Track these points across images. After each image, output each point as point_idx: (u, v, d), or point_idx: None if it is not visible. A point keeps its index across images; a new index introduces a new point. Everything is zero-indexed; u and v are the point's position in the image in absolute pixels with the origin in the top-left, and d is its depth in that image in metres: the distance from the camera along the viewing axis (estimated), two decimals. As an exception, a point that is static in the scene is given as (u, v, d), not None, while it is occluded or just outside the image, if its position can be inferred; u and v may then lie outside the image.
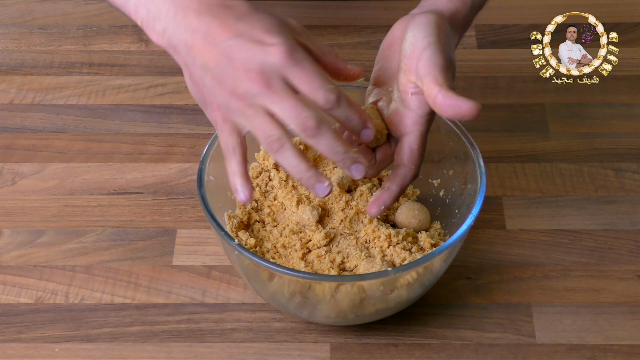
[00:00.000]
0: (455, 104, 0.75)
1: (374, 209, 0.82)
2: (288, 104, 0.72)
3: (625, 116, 1.07)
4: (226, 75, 0.73)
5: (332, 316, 0.84)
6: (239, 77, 0.73)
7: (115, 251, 0.94)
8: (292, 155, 0.74)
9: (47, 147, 1.04)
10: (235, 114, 0.75)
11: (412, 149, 0.80)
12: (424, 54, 0.77)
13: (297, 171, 0.74)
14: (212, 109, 0.76)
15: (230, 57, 0.73)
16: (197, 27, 0.75)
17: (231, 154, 0.75)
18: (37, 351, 0.86)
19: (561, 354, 0.86)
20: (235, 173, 0.76)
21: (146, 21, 0.78)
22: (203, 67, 0.75)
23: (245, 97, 0.73)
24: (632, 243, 0.94)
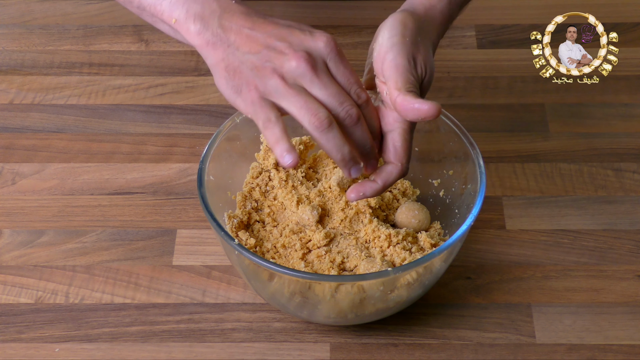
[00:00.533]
0: (414, 107, 0.76)
1: (353, 194, 0.81)
2: (333, 89, 0.75)
3: (625, 116, 1.07)
4: (271, 57, 0.75)
5: (332, 316, 0.84)
6: (285, 56, 0.75)
7: (115, 251, 0.94)
8: (338, 135, 0.75)
9: (47, 147, 1.04)
10: (273, 92, 0.76)
11: (396, 146, 0.80)
12: (386, 56, 0.79)
13: (342, 152, 0.76)
14: (249, 90, 0.76)
15: (279, 40, 0.76)
16: (243, 24, 0.77)
17: (273, 123, 0.75)
18: (37, 351, 0.86)
19: (561, 354, 0.86)
20: (280, 139, 0.75)
21: (184, 20, 0.79)
22: (245, 54, 0.76)
23: (287, 76, 0.75)
24: (632, 243, 0.94)
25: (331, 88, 0.75)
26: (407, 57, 0.78)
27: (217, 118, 1.07)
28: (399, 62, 0.78)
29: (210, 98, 1.10)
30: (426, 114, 0.76)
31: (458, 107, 1.08)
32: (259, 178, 0.91)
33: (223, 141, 0.88)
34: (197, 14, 0.79)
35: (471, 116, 1.07)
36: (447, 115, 0.89)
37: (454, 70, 1.13)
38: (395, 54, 0.78)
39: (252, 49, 0.76)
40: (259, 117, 0.76)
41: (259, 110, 0.76)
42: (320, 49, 0.76)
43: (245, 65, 0.76)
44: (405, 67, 0.78)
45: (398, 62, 0.78)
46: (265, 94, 0.76)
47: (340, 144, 0.75)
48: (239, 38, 0.77)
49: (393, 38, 0.79)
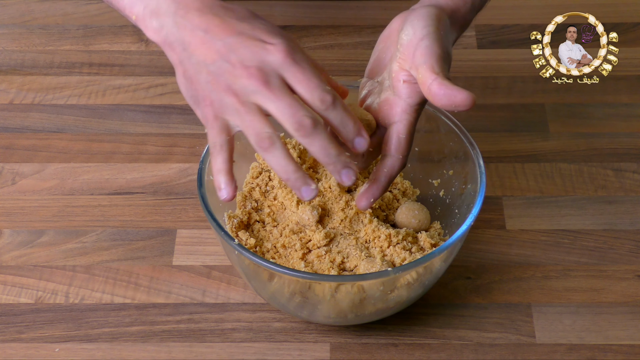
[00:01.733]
0: (451, 93, 0.75)
1: (364, 202, 0.81)
2: (285, 102, 0.72)
3: (625, 116, 1.07)
4: (224, 71, 0.73)
5: (332, 316, 0.84)
6: (237, 72, 0.73)
7: (115, 251, 0.94)
8: (282, 155, 0.73)
9: (47, 147, 1.04)
10: (227, 110, 0.74)
11: (400, 137, 0.79)
12: (421, 43, 0.77)
13: (285, 171, 0.74)
14: (205, 105, 0.75)
15: (230, 53, 0.73)
16: (198, 24, 0.75)
17: (218, 151, 0.75)
18: (37, 351, 0.86)
19: (561, 354, 0.86)
20: (220, 170, 0.75)
21: (142, 16, 0.78)
22: (200, 63, 0.75)
23: (240, 94, 0.73)
24: (632, 243, 0.94)
25: (283, 100, 0.72)
26: (442, 47, 0.77)
27: (217, 118, 1.07)
28: (435, 49, 0.77)
29: (210, 98, 1.09)
30: (460, 102, 0.74)
31: (458, 107, 1.07)
32: (259, 178, 0.91)
33: (223, 141, 0.88)
34: (154, 10, 0.77)
35: (471, 116, 1.07)
36: (447, 115, 0.89)
37: (454, 70, 1.11)
38: (431, 41, 0.77)
39: (206, 57, 0.74)
40: (209, 137, 0.75)
41: (209, 131, 0.75)
42: (273, 61, 0.73)
43: (201, 77, 0.75)
44: (441, 55, 0.77)
45: (435, 49, 0.77)
46: (220, 111, 0.74)
47: (282, 164, 0.73)
48: (193, 41, 0.75)
49: (428, 27, 0.77)
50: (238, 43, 0.73)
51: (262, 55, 0.73)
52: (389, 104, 0.80)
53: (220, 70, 0.74)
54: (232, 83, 0.73)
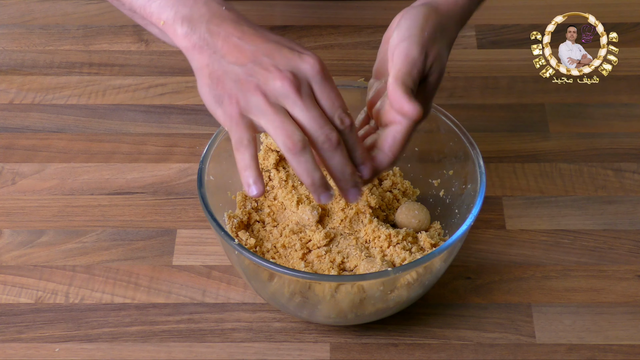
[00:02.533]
0: (400, 101, 0.76)
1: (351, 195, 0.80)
2: (314, 113, 0.74)
3: (625, 116, 1.07)
4: (256, 72, 0.74)
5: (332, 316, 0.84)
6: (269, 74, 0.74)
7: (115, 251, 0.94)
8: (310, 160, 0.74)
9: (47, 147, 1.04)
10: (253, 109, 0.75)
11: (396, 137, 0.79)
12: (400, 44, 0.78)
13: (312, 177, 0.74)
14: (230, 103, 0.76)
15: (264, 57, 0.75)
16: (232, 32, 0.76)
17: (245, 147, 0.75)
18: (37, 351, 0.86)
19: (561, 354, 0.86)
20: (248, 166, 0.75)
21: (172, 22, 0.78)
22: (230, 64, 0.75)
23: (270, 95, 0.74)
24: (632, 243, 0.94)
25: (313, 111, 0.74)
26: (419, 50, 0.78)
27: (217, 118, 1.07)
28: (409, 52, 0.77)
29: (210, 98, 1.09)
30: (407, 111, 0.76)
31: (458, 107, 1.08)
32: (259, 178, 0.91)
33: (223, 141, 0.88)
34: (185, 16, 0.78)
35: (471, 116, 1.07)
36: (447, 115, 0.89)
37: (454, 70, 1.13)
38: (409, 44, 0.78)
39: (238, 59, 0.75)
40: (233, 135, 0.76)
41: (235, 127, 0.76)
42: (307, 70, 0.74)
43: (229, 76, 0.75)
44: (414, 59, 0.77)
45: (409, 52, 0.77)
46: (246, 110, 0.75)
47: (311, 169, 0.74)
48: (225, 46, 0.76)
49: (411, 29, 0.78)
50: (274, 49, 0.75)
51: (298, 63, 0.74)
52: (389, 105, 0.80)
53: (252, 71, 0.75)
54: (262, 84, 0.74)
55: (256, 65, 0.75)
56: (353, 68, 1.13)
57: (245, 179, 0.75)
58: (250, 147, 0.75)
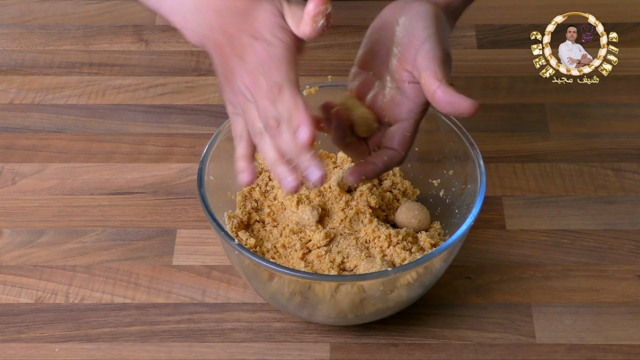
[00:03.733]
0: (454, 101, 0.76)
1: (354, 176, 0.80)
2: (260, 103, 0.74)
3: (625, 116, 1.07)
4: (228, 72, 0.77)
5: (332, 316, 0.84)
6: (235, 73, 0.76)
7: (115, 251, 0.94)
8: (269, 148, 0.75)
9: (47, 147, 1.04)
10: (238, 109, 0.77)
11: (405, 135, 0.80)
12: (423, 47, 0.77)
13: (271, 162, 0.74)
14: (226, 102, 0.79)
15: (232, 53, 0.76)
16: (218, 24, 0.77)
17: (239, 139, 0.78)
18: (37, 351, 0.86)
19: (561, 354, 0.86)
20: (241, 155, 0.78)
21: (181, 23, 0.80)
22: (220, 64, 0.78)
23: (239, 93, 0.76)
24: (632, 243, 0.94)
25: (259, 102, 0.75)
26: (444, 51, 0.78)
27: (217, 118, 1.07)
28: (437, 53, 0.77)
29: (210, 98, 1.10)
30: (464, 110, 0.76)
31: (458, 107, 1.07)
32: (259, 178, 0.91)
33: (223, 141, 0.88)
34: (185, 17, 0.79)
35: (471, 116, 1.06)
36: (447, 115, 0.89)
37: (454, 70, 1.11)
38: (433, 45, 0.77)
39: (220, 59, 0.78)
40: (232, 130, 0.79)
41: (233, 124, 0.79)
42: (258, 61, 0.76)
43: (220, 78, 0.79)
44: (443, 59, 0.77)
45: (436, 53, 0.77)
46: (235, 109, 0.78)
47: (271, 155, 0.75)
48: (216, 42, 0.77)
49: (428, 29, 0.78)
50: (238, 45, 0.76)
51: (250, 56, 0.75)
52: (395, 103, 0.80)
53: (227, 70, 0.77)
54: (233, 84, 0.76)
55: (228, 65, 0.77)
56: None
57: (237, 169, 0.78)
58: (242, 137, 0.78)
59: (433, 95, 0.76)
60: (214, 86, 1.11)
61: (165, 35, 1.17)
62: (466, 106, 0.75)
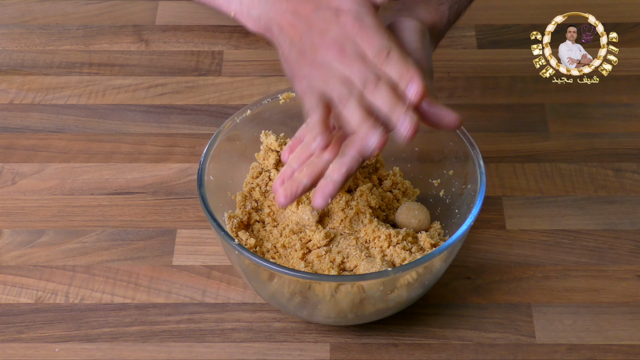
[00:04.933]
0: (439, 113, 0.77)
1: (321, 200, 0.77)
2: (355, 67, 0.76)
3: (625, 116, 1.07)
4: (307, 47, 0.78)
5: (332, 316, 0.84)
6: (317, 46, 0.78)
7: (115, 251, 0.94)
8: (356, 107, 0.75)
9: (47, 147, 1.04)
10: (318, 82, 0.78)
11: None
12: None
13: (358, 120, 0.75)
14: (299, 80, 0.79)
15: (310, 29, 0.78)
16: (286, 7, 0.80)
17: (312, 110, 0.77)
18: (37, 351, 0.86)
19: (561, 354, 0.86)
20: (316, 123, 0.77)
21: (240, 11, 0.83)
22: (290, 43, 0.79)
23: (323, 65, 0.77)
24: (632, 243, 0.94)
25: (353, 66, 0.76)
26: (427, 64, 0.80)
27: (217, 118, 1.07)
28: (422, 66, 0.79)
29: (210, 98, 1.10)
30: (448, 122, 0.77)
31: (458, 107, 1.06)
32: (259, 178, 0.91)
33: (223, 141, 0.88)
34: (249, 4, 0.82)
35: (471, 116, 1.07)
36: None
37: (454, 70, 1.13)
38: (418, 59, 0.79)
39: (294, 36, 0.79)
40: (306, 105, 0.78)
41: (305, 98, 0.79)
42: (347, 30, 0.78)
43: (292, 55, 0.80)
44: (427, 71, 0.79)
45: (422, 66, 0.79)
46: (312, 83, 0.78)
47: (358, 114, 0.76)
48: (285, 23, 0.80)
49: (415, 43, 0.80)
50: (317, 18, 0.78)
51: (335, 26, 0.77)
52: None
53: (305, 46, 0.78)
54: (314, 56, 0.78)
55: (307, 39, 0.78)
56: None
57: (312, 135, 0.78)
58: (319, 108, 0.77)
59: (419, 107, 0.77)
60: (214, 86, 1.11)
61: (165, 35, 1.17)
62: (450, 119, 0.77)
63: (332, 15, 0.78)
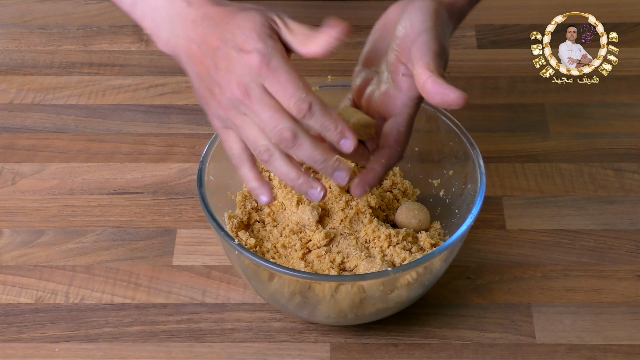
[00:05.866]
0: (444, 92, 0.75)
1: (359, 189, 0.80)
2: (266, 114, 0.73)
3: (625, 116, 1.07)
4: (214, 86, 0.75)
5: (332, 316, 0.84)
6: (222, 87, 0.74)
7: (115, 251, 0.94)
8: (282, 164, 0.74)
9: (47, 147, 1.04)
10: (229, 123, 0.76)
11: (400, 130, 0.79)
12: (418, 38, 0.77)
13: (289, 179, 0.75)
14: (212, 118, 0.78)
15: (216, 68, 0.74)
16: (194, 37, 0.76)
17: (240, 161, 0.76)
18: (37, 351, 0.86)
19: (561, 354, 0.86)
20: (250, 178, 0.76)
21: (151, 30, 0.79)
22: (199, 77, 0.76)
23: (230, 107, 0.74)
24: (632, 243, 0.94)
25: (264, 114, 0.72)
26: (439, 44, 0.77)
27: (217, 118, 1.07)
28: (432, 45, 0.77)
29: (210, 98, 1.10)
30: (452, 101, 0.74)
31: (458, 107, 1.07)
32: (259, 178, 0.91)
33: (223, 141, 0.88)
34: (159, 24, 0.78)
35: (471, 116, 1.07)
36: (447, 115, 0.89)
37: (454, 70, 1.13)
38: (429, 37, 0.77)
39: (201, 71, 0.75)
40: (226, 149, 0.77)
41: (225, 143, 0.77)
42: (252, 71, 0.72)
43: (202, 91, 0.76)
44: (437, 52, 0.77)
45: (431, 46, 0.77)
46: (225, 123, 0.76)
47: (285, 171, 0.74)
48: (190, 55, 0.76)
49: (427, 22, 0.77)
50: (222, 56, 0.74)
51: (243, 65, 0.73)
52: (389, 96, 0.80)
53: (212, 84, 0.75)
54: (221, 98, 0.75)
55: (214, 77, 0.74)
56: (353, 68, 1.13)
57: (252, 191, 0.76)
58: (244, 159, 0.76)
59: (423, 86, 0.75)
60: (214, 86, 1.11)
61: (165, 35, 1.17)
62: (455, 97, 0.74)
63: (236, 53, 0.73)
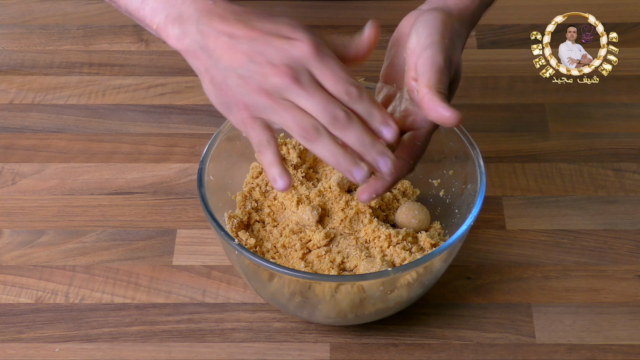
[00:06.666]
0: (437, 109, 0.75)
1: (365, 195, 0.79)
2: (317, 97, 0.73)
3: (625, 116, 1.07)
4: (253, 73, 0.74)
5: (332, 316, 0.84)
6: (266, 72, 0.74)
7: (115, 251, 0.94)
8: (330, 142, 0.74)
9: (47, 147, 1.04)
10: (264, 110, 0.75)
11: (416, 144, 0.79)
12: (424, 53, 0.77)
13: (335, 155, 0.74)
14: (238, 109, 0.76)
15: (257, 54, 0.74)
16: (222, 30, 0.76)
17: (266, 147, 0.75)
18: (37, 351, 0.86)
19: (561, 354, 0.86)
20: (272, 163, 0.75)
21: (164, 25, 0.78)
22: (227, 68, 0.75)
23: (273, 92, 0.74)
24: (632, 243, 0.94)
25: (315, 96, 0.73)
26: (444, 58, 0.77)
27: (217, 118, 1.07)
28: (436, 60, 0.77)
29: (210, 98, 1.10)
30: (446, 120, 0.75)
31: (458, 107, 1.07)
32: (259, 178, 0.91)
33: (223, 141, 0.88)
34: (176, 18, 0.77)
35: (471, 116, 1.07)
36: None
37: (454, 70, 1.12)
38: (434, 52, 0.77)
39: (233, 61, 0.75)
40: (252, 138, 0.76)
41: (251, 131, 0.75)
42: (301, 57, 0.74)
43: (230, 81, 0.75)
44: (441, 67, 0.77)
45: (435, 61, 0.77)
46: (256, 112, 0.75)
47: (332, 151, 0.74)
48: (218, 47, 0.75)
49: (433, 36, 0.77)
50: (264, 43, 0.74)
51: (289, 52, 0.74)
52: (408, 113, 0.80)
53: (249, 72, 0.74)
54: (263, 83, 0.74)
55: (252, 64, 0.74)
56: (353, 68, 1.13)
57: (271, 175, 0.75)
58: (271, 145, 0.75)
59: (421, 102, 0.76)
60: (214, 86, 1.11)
61: (165, 35, 1.17)
62: (448, 116, 0.75)
63: (282, 41, 0.74)
